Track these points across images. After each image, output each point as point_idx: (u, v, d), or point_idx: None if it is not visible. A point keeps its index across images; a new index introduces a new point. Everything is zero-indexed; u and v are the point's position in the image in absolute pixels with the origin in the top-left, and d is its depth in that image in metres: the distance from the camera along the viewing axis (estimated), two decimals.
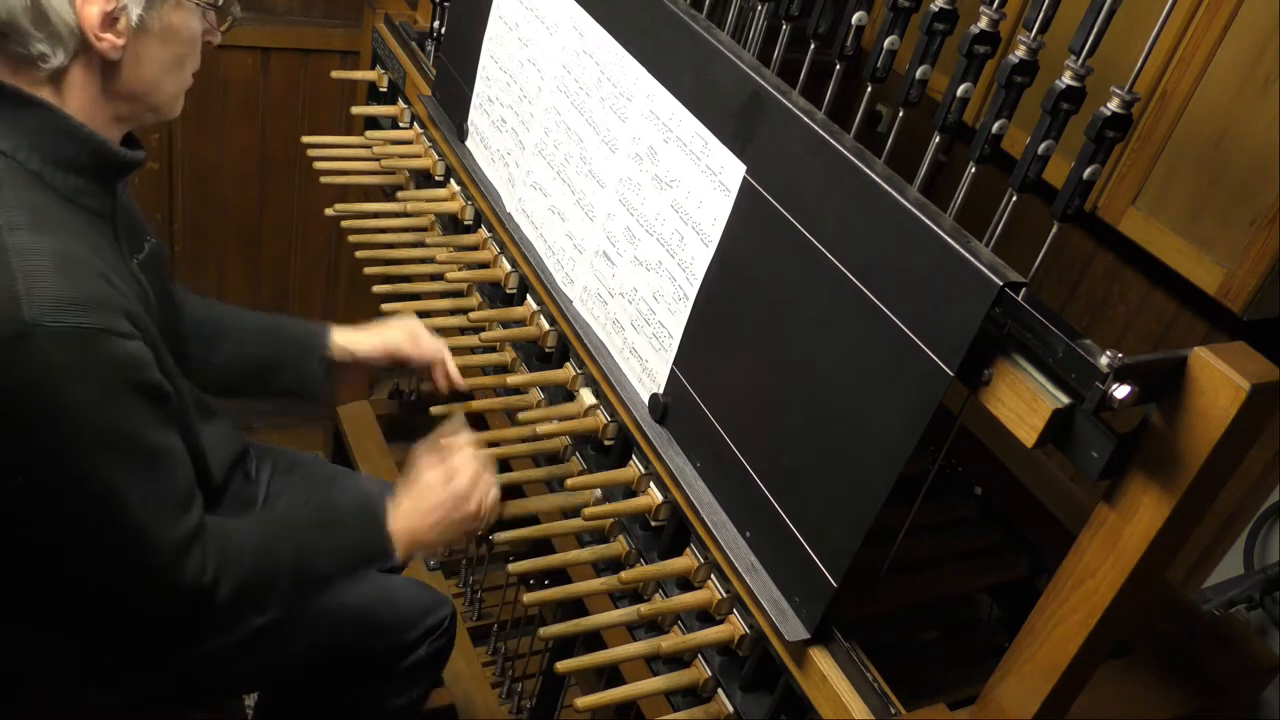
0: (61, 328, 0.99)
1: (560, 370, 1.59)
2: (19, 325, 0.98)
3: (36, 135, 1.08)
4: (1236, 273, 1.36)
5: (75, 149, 1.11)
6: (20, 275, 0.99)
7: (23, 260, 1.00)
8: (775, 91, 1.23)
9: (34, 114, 1.09)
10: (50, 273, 1.01)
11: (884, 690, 1.15)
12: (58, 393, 1.01)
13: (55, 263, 1.02)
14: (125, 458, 1.07)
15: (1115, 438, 0.93)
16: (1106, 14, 1.00)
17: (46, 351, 0.99)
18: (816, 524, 1.16)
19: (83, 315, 1.01)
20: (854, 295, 1.11)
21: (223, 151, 2.64)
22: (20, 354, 0.98)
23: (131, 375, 1.06)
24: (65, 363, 1.00)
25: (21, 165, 1.07)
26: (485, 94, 1.83)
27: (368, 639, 1.57)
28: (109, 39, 1.08)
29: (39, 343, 0.98)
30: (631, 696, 1.28)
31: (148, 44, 1.12)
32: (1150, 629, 1.41)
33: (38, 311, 0.98)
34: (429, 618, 1.64)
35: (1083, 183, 1.04)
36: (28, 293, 0.99)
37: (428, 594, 1.69)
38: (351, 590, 1.56)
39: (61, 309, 0.99)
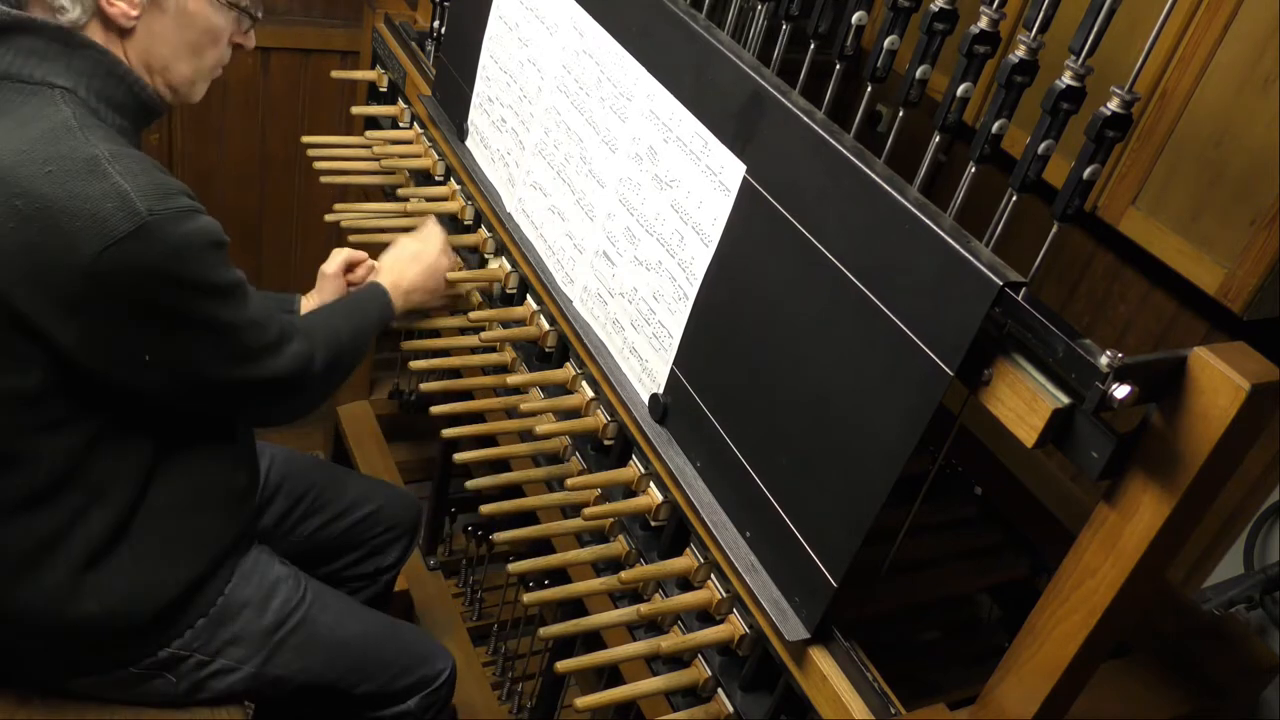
0: (169, 212, 1.12)
1: (560, 370, 1.59)
2: (137, 219, 1.10)
3: (91, 75, 1.19)
4: (1236, 273, 1.36)
5: (124, 91, 1.23)
6: (120, 176, 1.11)
7: (117, 163, 1.12)
8: (775, 91, 1.23)
9: (86, 55, 1.19)
10: (143, 169, 1.14)
11: (884, 690, 1.15)
12: (179, 267, 1.14)
13: (142, 163, 1.15)
14: (231, 299, 1.22)
15: (1115, 438, 0.93)
16: (1106, 14, 1.00)
17: (163, 235, 1.12)
18: (816, 524, 1.16)
19: (181, 198, 1.15)
20: (854, 295, 1.11)
21: (223, 151, 2.64)
22: (145, 243, 1.10)
23: (218, 238, 1.20)
24: (179, 241, 1.13)
25: (83, 101, 1.18)
26: (485, 94, 1.83)
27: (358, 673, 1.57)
28: (120, 6, 1.19)
29: (158, 229, 1.11)
30: (631, 696, 1.28)
31: (162, 21, 1.23)
32: (1150, 629, 1.41)
33: (149, 202, 1.11)
34: (425, 668, 1.65)
35: (1083, 182, 1.04)
36: (134, 189, 1.11)
37: (429, 645, 1.70)
38: (355, 620, 1.57)
39: (165, 196, 1.13)
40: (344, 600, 1.60)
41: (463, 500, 2.33)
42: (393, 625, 1.68)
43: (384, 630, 1.63)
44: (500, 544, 1.43)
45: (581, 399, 1.53)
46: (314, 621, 1.51)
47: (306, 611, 1.51)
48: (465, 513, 2.36)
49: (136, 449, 1.29)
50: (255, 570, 1.48)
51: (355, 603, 1.63)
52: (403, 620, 1.75)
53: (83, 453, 1.25)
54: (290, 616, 1.49)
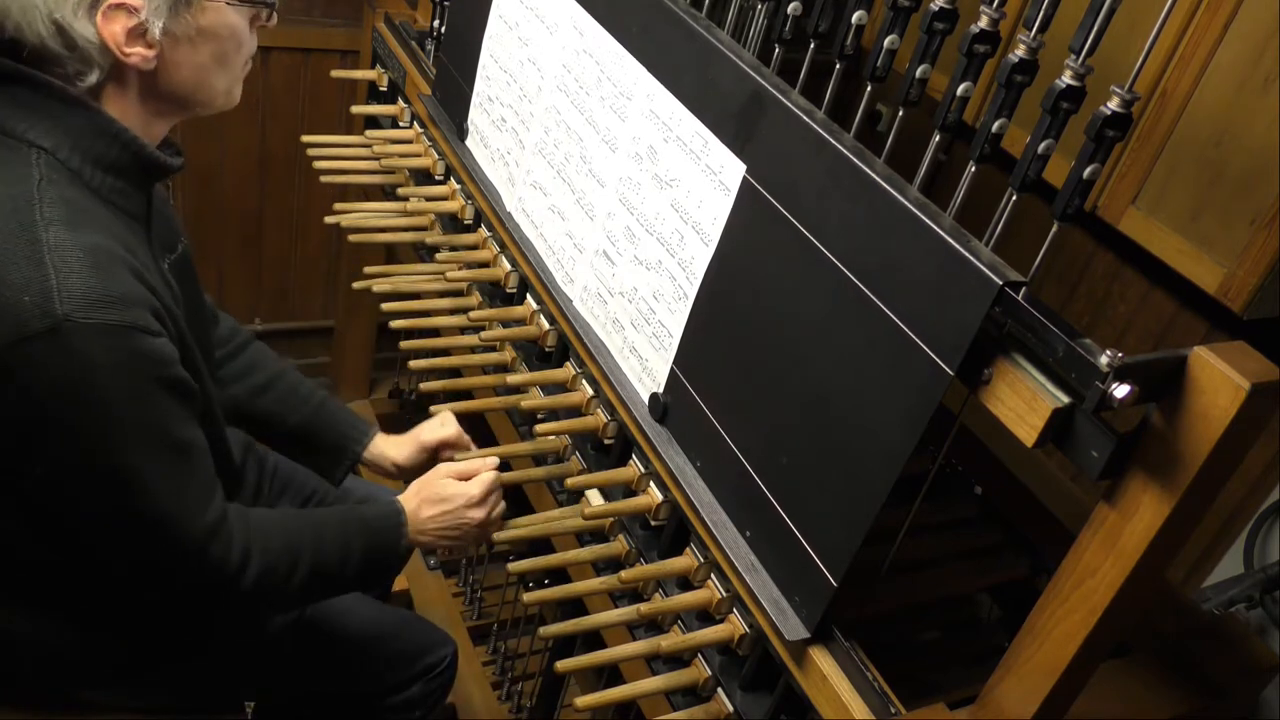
0: (91, 323, 1.01)
1: (560, 370, 1.59)
2: (51, 320, 1.00)
3: (79, 135, 1.10)
4: (1236, 272, 1.36)
5: (117, 151, 1.13)
6: (54, 270, 1.01)
7: (56, 256, 1.02)
8: (775, 91, 1.23)
9: (78, 114, 1.10)
10: (83, 269, 1.02)
11: (884, 690, 1.15)
12: (87, 386, 1.03)
13: (89, 259, 1.03)
14: (152, 449, 1.09)
15: (1115, 437, 0.93)
16: (1106, 14, 1.00)
17: (76, 345, 1.01)
18: (816, 523, 1.16)
19: (112, 311, 1.03)
20: (854, 294, 1.11)
21: (223, 151, 2.64)
22: (52, 348, 1.00)
23: (158, 371, 1.08)
24: (95, 357, 1.02)
25: (62, 164, 1.09)
26: (485, 93, 1.83)
27: (363, 670, 1.57)
28: (138, 52, 1.10)
29: (70, 337, 1.00)
30: (631, 696, 1.28)
31: (181, 49, 1.13)
32: (1150, 629, 1.41)
33: (70, 306, 1.00)
34: (428, 656, 1.65)
35: (1083, 182, 1.04)
36: (60, 288, 1.01)
37: (431, 632, 1.70)
38: (355, 614, 1.57)
39: (92, 305, 1.01)
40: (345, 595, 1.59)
41: None
42: (394, 616, 1.68)
43: (385, 622, 1.63)
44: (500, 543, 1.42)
45: (581, 398, 1.53)
46: (315, 620, 1.51)
47: (307, 611, 1.51)
48: None
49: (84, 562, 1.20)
50: None
51: (356, 595, 1.63)
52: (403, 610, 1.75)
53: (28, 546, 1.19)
54: (293, 617, 1.49)
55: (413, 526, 1.38)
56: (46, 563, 1.23)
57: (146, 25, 1.08)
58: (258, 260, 2.85)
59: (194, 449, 1.15)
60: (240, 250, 2.80)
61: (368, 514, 1.37)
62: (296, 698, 1.56)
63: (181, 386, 1.11)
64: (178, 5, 1.10)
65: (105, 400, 1.04)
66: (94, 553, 1.18)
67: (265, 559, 1.22)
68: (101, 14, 1.06)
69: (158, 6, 1.08)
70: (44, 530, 1.19)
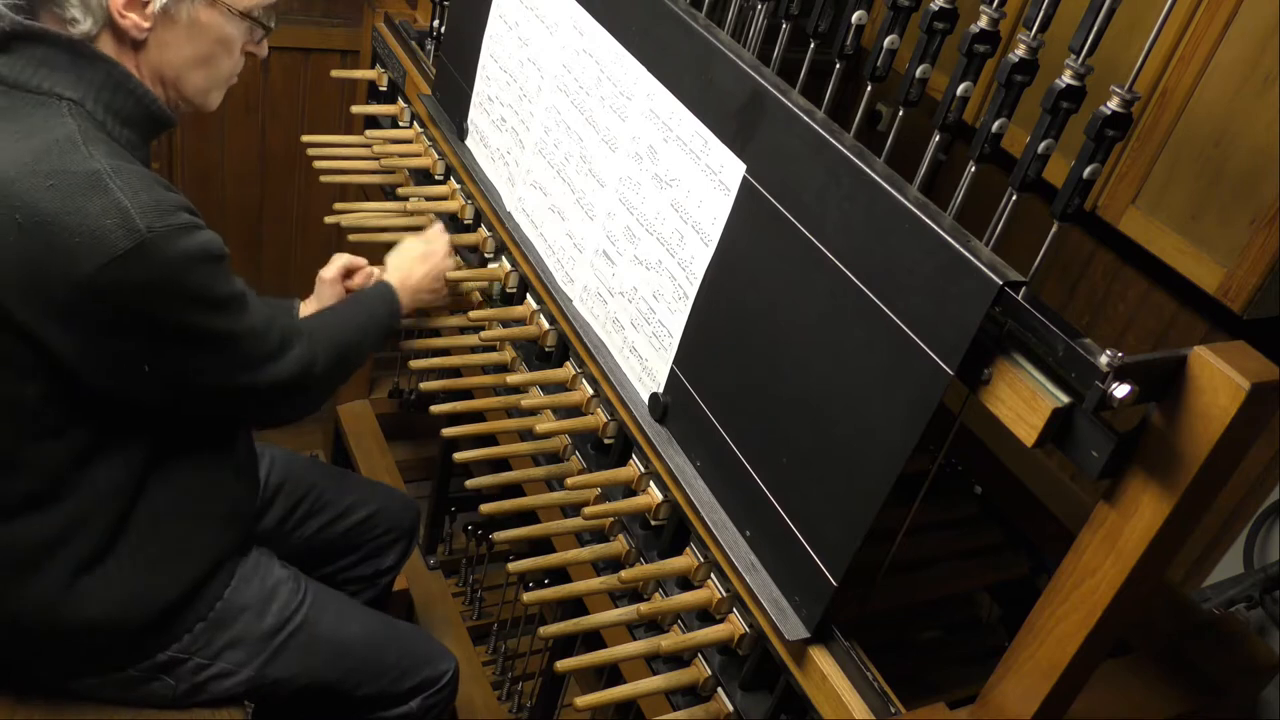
0: (169, 228, 1.12)
1: (560, 369, 1.59)
2: (136, 235, 1.10)
3: (100, 88, 1.19)
4: (1236, 272, 1.36)
5: (133, 103, 1.22)
6: (121, 192, 1.11)
7: (118, 179, 1.11)
8: (775, 90, 1.23)
9: (98, 67, 1.18)
10: (143, 186, 1.13)
11: (884, 689, 1.15)
12: (180, 282, 1.15)
13: (144, 180, 1.14)
14: (233, 309, 1.23)
15: (1115, 437, 0.93)
16: (1106, 13, 1.00)
17: (163, 251, 1.12)
18: (816, 523, 1.16)
19: (180, 214, 1.15)
20: (854, 294, 1.11)
21: (223, 151, 2.64)
22: (144, 259, 1.10)
23: (220, 251, 1.20)
24: (179, 257, 1.13)
25: (89, 114, 1.18)
26: (485, 93, 1.83)
27: (359, 675, 1.57)
28: (132, 18, 1.18)
29: (157, 245, 1.11)
30: (631, 695, 1.28)
31: (174, 32, 1.22)
32: (1150, 628, 1.41)
33: (149, 219, 1.11)
34: (427, 669, 1.65)
35: (1083, 182, 1.04)
36: (134, 205, 1.10)
37: (432, 646, 1.70)
38: (356, 622, 1.57)
39: (165, 213, 1.13)
40: (344, 602, 1.60)
41: (463, 499, 2.33)
42: (394, 626, 1.68)
43: (385, 632, 1.63)
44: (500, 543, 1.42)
45: (581, 398, 1.53)
46: (314, 623, 1.51)
47: (307, 614, 1.51)
48: (465, 512, 2.36)
49: (134, 457, 1.29)
50: (255, 573, 1.48)
51: (356, 604, 1.63)
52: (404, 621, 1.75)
53: (81, 460, 1.25)
54: (290, 619, 1.49)
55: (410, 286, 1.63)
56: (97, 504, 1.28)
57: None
58: (258, 260, 2.85)
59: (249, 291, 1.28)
60: (240, 250, 2.80)
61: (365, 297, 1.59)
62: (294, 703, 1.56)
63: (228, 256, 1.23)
64: None
65: (196, 289, 1.17)
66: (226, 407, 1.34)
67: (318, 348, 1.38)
68: None
69: None
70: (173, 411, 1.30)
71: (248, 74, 2.56)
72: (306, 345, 1.36)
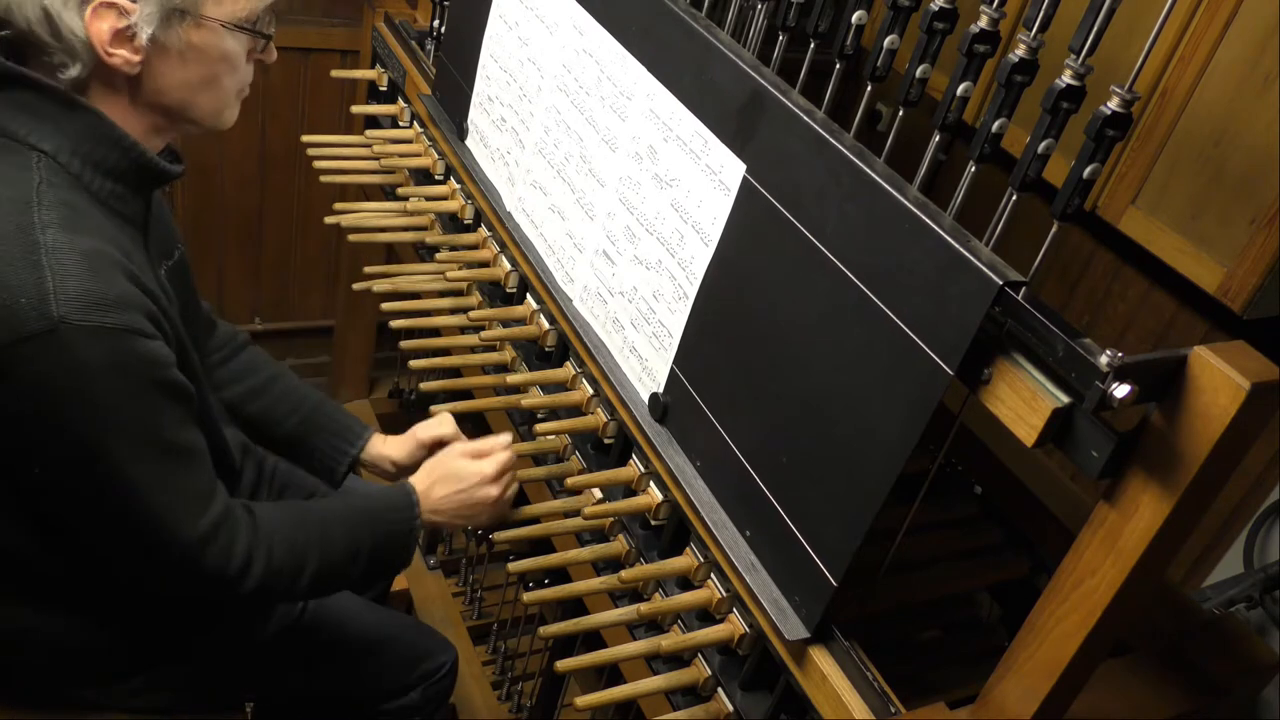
0: (87, 325, 1.02)
1: (560, 369, 1.59)
2: (48, 322, 1.00)
3: (80, 139, 1.11)
4: (1236, 272, 1.36)
5: (117, 156, 1.13)
6: (51, 273, 1.02)
7: (54, 258, 1.03)
8: (775, 90, 1.23)
9: (80, 118, 1.11)
10: (80, 272, 1.03)
11: (884, 689, 1.15)
12: (83, 389, 1.03)
13: (85, 262, 1.04)
14: (148, 453, 1.09)
15: (1115, 437, 0.93)
16: (1106, 13, 1.00)
17: (73, 348, 1.02)
18: (816, 523, 1.16)
19: (108, 314, 1.03)
20: (854, 294, 1.11)
21: (223, 151, 2.64)
22: (48, 350, 1.01)
23: (153, 373, 1.08)
24: (91, 359, 1.03)
25: (63, 167, 1.10)
26: (485, 93, 1.83)
27: (360, 675, 1.57)
28: (122, 55, 1.09)
29: (66, 339, 1.01)
30: (631, 695, 1.28)
31: (169, 61, 1.13)
32: (1150, 628, 1.41)
33: (66, 309, 1.01)
34: (428, 662, 1.65)
35: (1083, 182, 1.04)
36: (57, 290, 1.01)
37: (431, 639, 1.70)
38: (355, 618, 1.57)
39: (88, 307, 1.02)
40: (344, 599, 1.60)
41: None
42: (393, 620, 1.68)
43: (385, 627, 1.63)
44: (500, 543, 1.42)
45: (581, 397, 1.53)
46: (315, 623, 1.51)
47: (308, 614, 1.51)
48: None
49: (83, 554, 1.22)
50: None
51: (356, 600, 1.63)
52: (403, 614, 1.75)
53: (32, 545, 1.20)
54: (293, 621, 1.49)
55: (426, 506, 1.37)
56: (50, 562, 1.23)
57: (135, 29, 1.08)
58: (258, 260, 2.85)
59: (192, 452, 1.15)
60: (240, 250, 2.80)
61: (377, 506, 1.35)
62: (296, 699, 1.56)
63: (177, 389, 1.12)
64: (171, 16, 1.10)
65: (100, 401, 1.05)
66: (93, 552, 1.19)
67: (269, 563, 1.21)
68: (91, 10, 1.06)
69: (150, 13, 1.08)
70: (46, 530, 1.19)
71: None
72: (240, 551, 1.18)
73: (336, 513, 1.32)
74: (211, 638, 1.42)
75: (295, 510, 1.30)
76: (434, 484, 1.39)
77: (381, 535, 1.33)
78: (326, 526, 1.29)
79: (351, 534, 1.30)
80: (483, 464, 1.41)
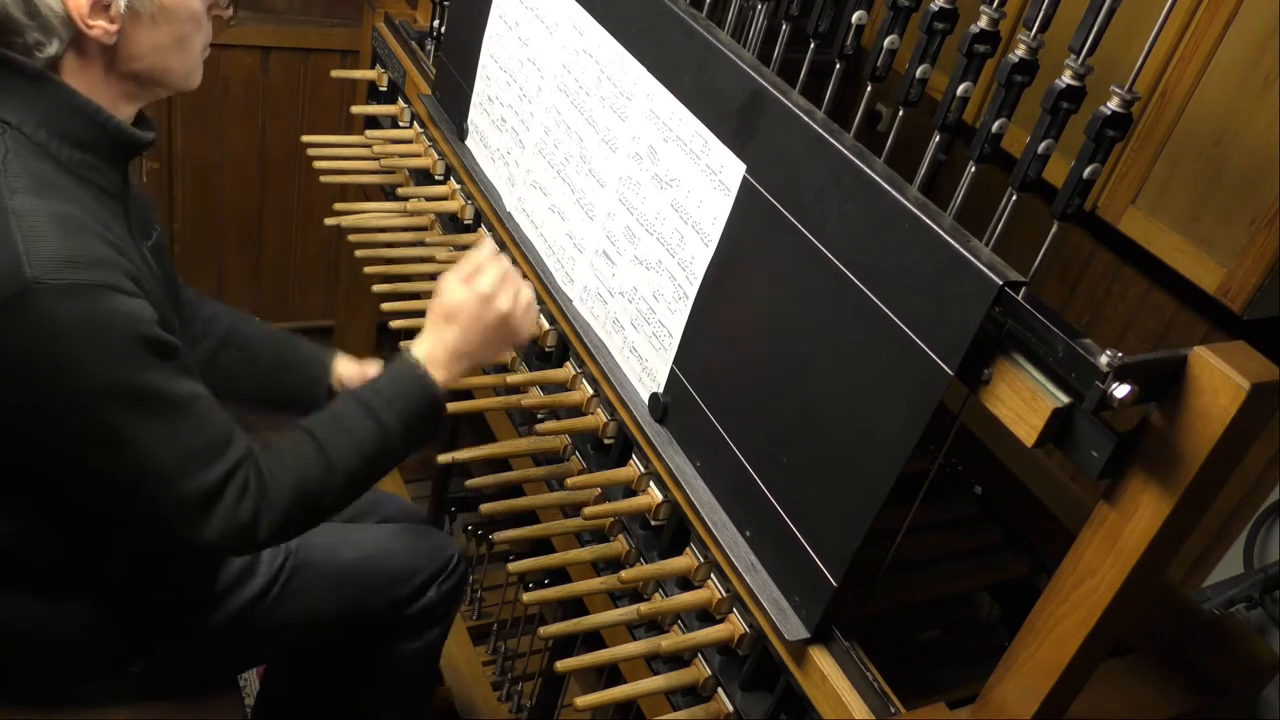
0: (61, 284, 1.01)
1: (560, 369, 1.59)
2: (21, 284, 0.99)
3: (47, 112, 1.11)
4: (1236, 272, 1.36)
5: (84, 126, 1.13)
6: (20, 235, 1.01)
7: (22, 221, 1.02)
8: (775, 90, 1.23)
9: (46, 90, 1.11)
10: (49, 233, 1.02)
11: (884, 689, 1.15)
12: (65, 350, 1.02)
13: (55, 224, 1.04)
14: (143, 409, 1.07)
15: (1115, 437, 0.93)
16: (1106, 13, 1.00)
17: (49, 309, 1.01)
18: (816, 523, 1.16)
19: (83, 272, 1.02)
20: (853, 294, 1.11)
21: (223, 151, 2.64)
22: (24, 312, 1.00)
23: (136, 329, 1.06)
24: (68, 319, 1.01)
25: (28, 138, 1.09)
26: (485, 93, 1.83)
27: (368, 596, 1.56)
28: (100, 25, 1.10)
29: (41, 300, 1.00)
30: (631, 696, 1.28)
31: (142, 27, 1.14)
32: (1150, 628, 1.41)
33: (39, 270, 1.00)
34: (434, 561, 1.63)
35: (1083, 182, 1.04)
36: (28, 252, 1.00)
37: (430, 539, 1.67)
38: (348, 546, 1.56)
39: (61, 266, 1.01)
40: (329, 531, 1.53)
41: (463, 500, 2.33)
42: (388, 534, 1.63)
43: (380, 543, 1.60)
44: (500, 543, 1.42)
45: (581, 397, 1.53)
46: (305, 564, 1.49)
47: (296, 556, 1.48)
48: (465, 512, 2.36)
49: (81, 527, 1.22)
50: None
51: (342, 527, 1.59)
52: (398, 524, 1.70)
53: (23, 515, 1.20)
54: (280, 569, 1.46)
55: (447, 352, 1.29)
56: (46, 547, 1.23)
57: None
58: (258, 260, 2.85)
59: (194, 404, 1.12)
60: (240, 250, 2.81)
61: (381, 383, 1.27)
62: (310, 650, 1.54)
63: (163, 345, 1.09)
64: None
65: (85, 361, 1.03)
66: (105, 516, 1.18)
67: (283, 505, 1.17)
68: None
69: None
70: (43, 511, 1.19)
71: (248, 74, 2.58)
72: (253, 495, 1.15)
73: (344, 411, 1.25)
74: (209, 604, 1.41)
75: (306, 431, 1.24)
76: (439, 328, 1.29)
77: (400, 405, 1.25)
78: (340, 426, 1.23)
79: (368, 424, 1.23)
80: (478, 284, 1.30)
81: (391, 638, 1.63)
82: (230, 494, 1.14)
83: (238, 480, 1.14)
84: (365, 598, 1.56)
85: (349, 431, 1.23)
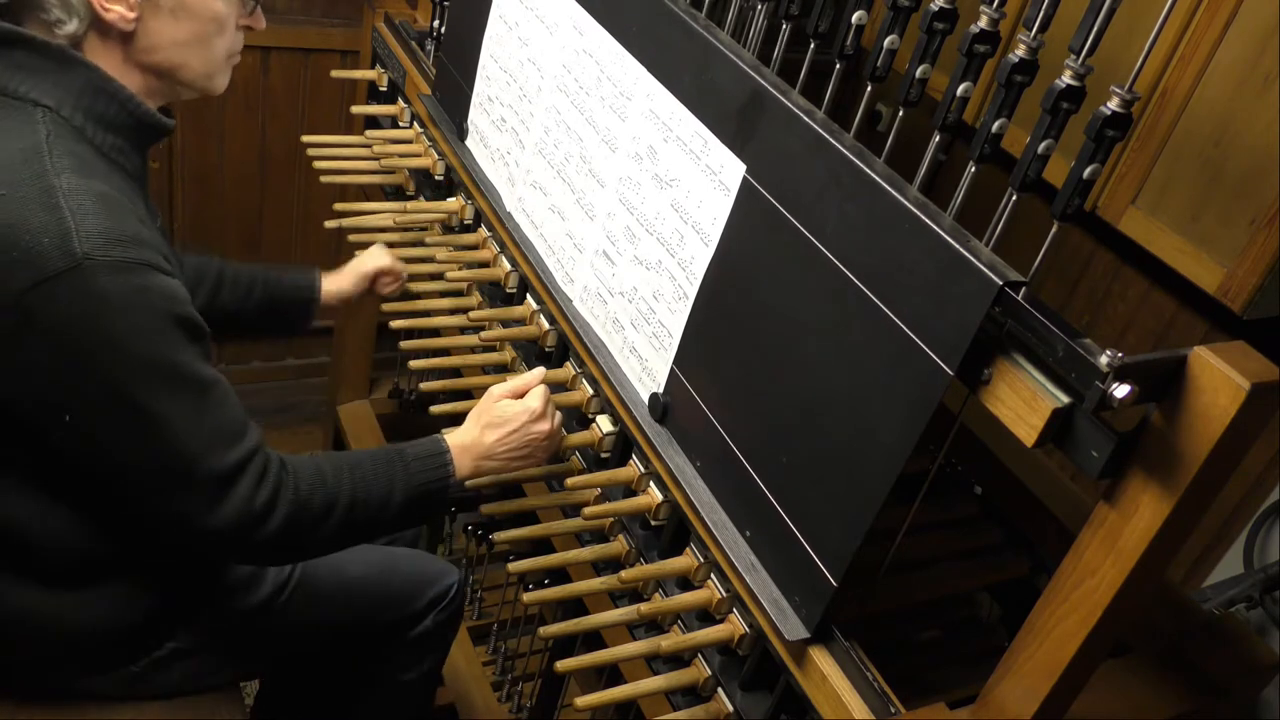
0: (110, 260, 1.05)
1: (560, 369, 1.59)
2: (71, 259, 1.03)
3: (80, 94, 1.14)
4: (1236, 272, 1.36)
5: (115, 109, 1.17)
6: (70, 213, 1.05)
7: (71, 199, 1.06)
8: (775, 91, 1.23)
9: (78, 72, 1.14)
10: (96, 210, 1.06)
11: (884, 689, 1.15)
12: (109, 322, 1.05)
13: (101, 202, 1.08)
14: (173, 387, 1.10)
15: (1115, 437, 0.93)
16: (1106, 13, 1.00)
17: (99, 284, 1.04)
18: (816, 523, 1.16)
19: (129, 249, 1.06)
20: (854, 294, 1.11)
21: (223, 151, 2.64)
22: (73, 287, 1.03)
23: (174, 308, 1.10)
24: (114, 295, 1.05)
25: (66, 120, 1.13)
26: (485, 93, 1.83)
27: (371, 612, 1.57)
28: (117, 10, 1.14)
29: (89, 275, 1.04)
30: (631, 696, 1.28)
31: (161, 19, 1.18)
32: (1150, 628, 1.41)
33: (89, 245, 1.04)
34: (434, 587, 1.64)
35: (1083, 182, 1.04)
36: (78, 228, 1.04)
37: (432, 564, 1.69)
38: (354, 562, 1.57)
39: (110, 243, 1.05)
40: None
41: (463, 499, 2.32)
42: (391, 556, 1.65)
43: (383, 564, 1.62)
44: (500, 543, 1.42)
45: (581, 397, 1.53)
46: (311, 576, 1.50)
47: (301, 570, 1.49)
48: (465, 512, 2.36)
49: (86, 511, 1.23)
50: None
51: None
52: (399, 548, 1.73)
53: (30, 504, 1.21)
54: (287, 581, 1.48)
55: (480, 454, 1.35)
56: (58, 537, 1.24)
57: None
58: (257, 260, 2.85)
59: (216, 387, 1.15)
60: (240, 250, 2.80)
61: (409, 454, 1.31)
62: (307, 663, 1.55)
63: (194, 326, 1.13)
64: None
65: (125, 335, 1.06)
66: (124, 504, 1.19)
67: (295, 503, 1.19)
68: None
69: None
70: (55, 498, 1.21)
71: (248, 73, 2.58)
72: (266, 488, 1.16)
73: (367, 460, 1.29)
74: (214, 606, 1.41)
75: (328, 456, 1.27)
76: (484, 431, 1.36)
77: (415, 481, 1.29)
78: (357, 471, 1.26)
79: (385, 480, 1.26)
80: (527, 400, 1.38)
81: (389, 664, 1.64)
82: (248, 478, 1.16)
83: (255, 464, 1.17)
84: (368, 612, 1.57)
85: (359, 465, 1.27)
